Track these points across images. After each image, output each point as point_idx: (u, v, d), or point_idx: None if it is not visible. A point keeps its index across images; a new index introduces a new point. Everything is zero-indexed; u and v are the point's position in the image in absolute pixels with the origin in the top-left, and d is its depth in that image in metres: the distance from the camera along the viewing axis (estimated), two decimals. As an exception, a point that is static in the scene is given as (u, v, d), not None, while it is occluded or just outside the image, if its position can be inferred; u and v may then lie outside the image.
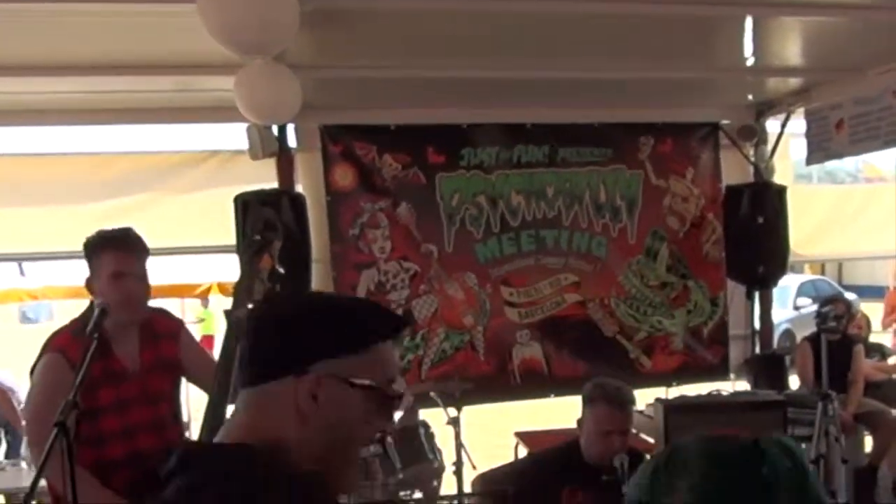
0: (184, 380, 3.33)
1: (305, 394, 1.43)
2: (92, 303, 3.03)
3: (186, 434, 3.51)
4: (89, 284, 3.01)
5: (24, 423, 2.95)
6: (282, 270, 3.15)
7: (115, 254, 2.98)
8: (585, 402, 3.59)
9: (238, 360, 1.50)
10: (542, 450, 3.92)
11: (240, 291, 2.98)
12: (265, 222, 3.14)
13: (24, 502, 2.38)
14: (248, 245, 3.09)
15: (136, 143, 7.36)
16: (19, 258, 8.16)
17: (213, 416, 2.83)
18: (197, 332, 19.33)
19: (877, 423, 6.42)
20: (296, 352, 1.44)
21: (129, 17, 4.39)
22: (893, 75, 5.78)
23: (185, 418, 3.40)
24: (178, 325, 3.26)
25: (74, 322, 3.02)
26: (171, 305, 17.99)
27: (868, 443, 6.62)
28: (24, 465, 5.24)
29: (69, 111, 6.08)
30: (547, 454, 3.79)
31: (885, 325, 8.57)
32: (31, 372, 2.97)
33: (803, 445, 5.86)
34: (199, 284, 13.21)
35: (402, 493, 5.21)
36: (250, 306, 2.95)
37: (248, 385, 1.48)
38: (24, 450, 5.35)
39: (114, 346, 2.95)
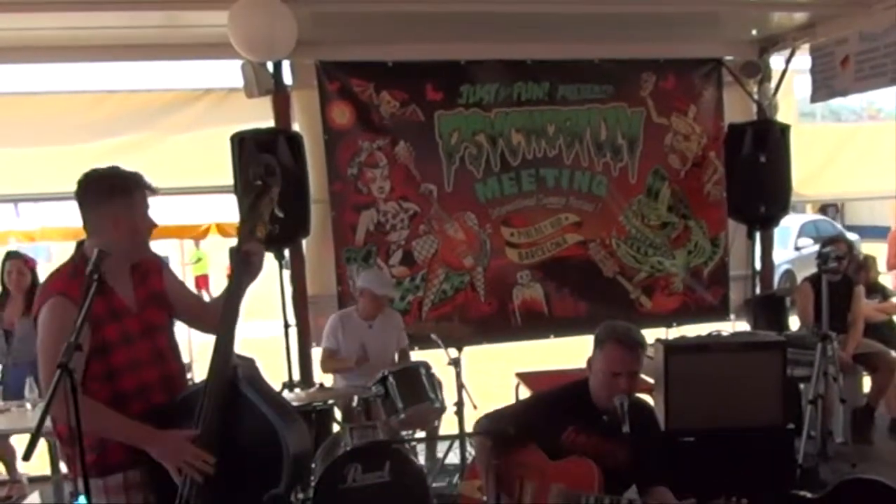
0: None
1: None
2: (80, 243, 3.01)
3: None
4: (116, 220, 2.93)
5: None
6: (281, 214, 3.22)
7: (146, 192, 3.02)
8: (596, 344, 3.55)
9: None
10: (551, 389, 3.89)
11: (243, 232, 3.05)
12: (266, 167, 3.15)
13: (30, 442, 2.38)
14: (250, 190, 3.13)
15: (128, 81, 7.24)
16: (15, 199, 8.08)
17: (222, 356, 2.88)
18: (192, 273, 19.37)
19: (875, 364, 6.41)
20: None
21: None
22: (901, 10, 5.65)
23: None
24: (161, 261, 3.29)
25: (67, 264, 2.99)
26: (170, 247, 17.96)
27: (866, 383, 6.63)
28: (28, 406, 5.25)
29: (58, 48, 5.95)
30: (554, 394, 3.76)
31: (892, 267, 8.49)
32: (35, 318, 2.93)
33: (802, 386, 5.88)
34: (198, 225, 13.14)
35: (403, 433, 5.23)
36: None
37: None
38: (27, 392, 5.36)
39: (112, 285, 2.94)
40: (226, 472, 2.81)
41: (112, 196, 2.93)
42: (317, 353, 6.32)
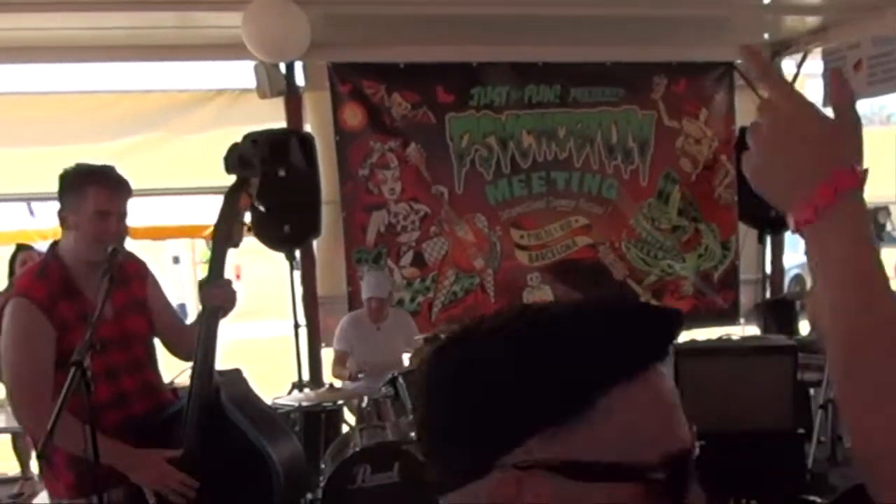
0: None
1: None
2: (55, 242, 2.88)
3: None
4: (63, 217, 2.79)
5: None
6: (262, 208, 3.10)
7: (103, 190, 2.77)
8: None
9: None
10: None
11: (217, 237, 2.86)
12: (240, 159, 2.89)
13: (46, 440, 2.30)
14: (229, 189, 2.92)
15: (142, 81, 7.27)
16: (29, 198, 8.13)
17: (201, 382, 2.79)
18: (204, 272, 19.40)
19: (886, 368, 6.39)
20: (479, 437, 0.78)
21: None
22: (914, 14, 5.64)
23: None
24: (145, 267, 3.13)
25: (37, 263, 2.91)
26: (182, 246, 17.97)
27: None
28: None
29: (74, 48, 5.99)
30: None
31: (899, 272, 8.48)
32: None
33: (812, 390, 5.86)
34: (209, 225, 13.17)
35: (413, 434, 5.24)
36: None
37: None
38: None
39: (82, 288, 2.78)
40: (213, 497, 2.73)
41: (68, 188, 2.81)
42: (326, 354, 6.34)
